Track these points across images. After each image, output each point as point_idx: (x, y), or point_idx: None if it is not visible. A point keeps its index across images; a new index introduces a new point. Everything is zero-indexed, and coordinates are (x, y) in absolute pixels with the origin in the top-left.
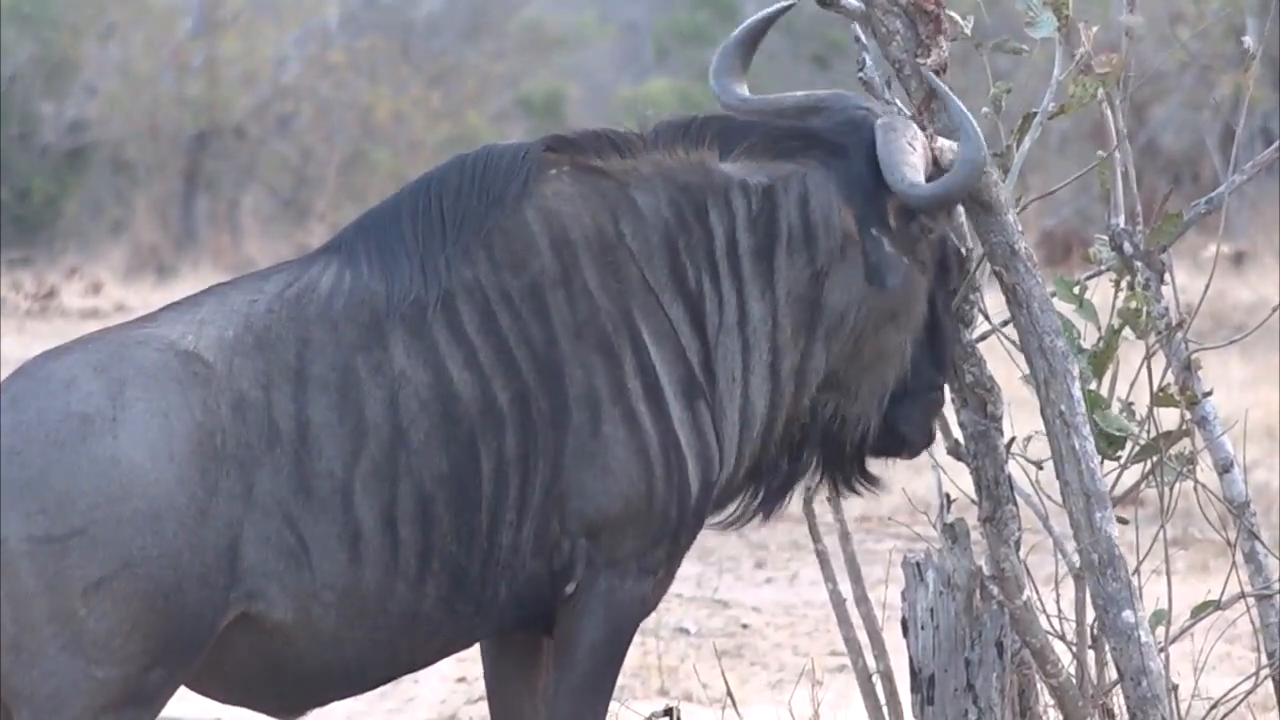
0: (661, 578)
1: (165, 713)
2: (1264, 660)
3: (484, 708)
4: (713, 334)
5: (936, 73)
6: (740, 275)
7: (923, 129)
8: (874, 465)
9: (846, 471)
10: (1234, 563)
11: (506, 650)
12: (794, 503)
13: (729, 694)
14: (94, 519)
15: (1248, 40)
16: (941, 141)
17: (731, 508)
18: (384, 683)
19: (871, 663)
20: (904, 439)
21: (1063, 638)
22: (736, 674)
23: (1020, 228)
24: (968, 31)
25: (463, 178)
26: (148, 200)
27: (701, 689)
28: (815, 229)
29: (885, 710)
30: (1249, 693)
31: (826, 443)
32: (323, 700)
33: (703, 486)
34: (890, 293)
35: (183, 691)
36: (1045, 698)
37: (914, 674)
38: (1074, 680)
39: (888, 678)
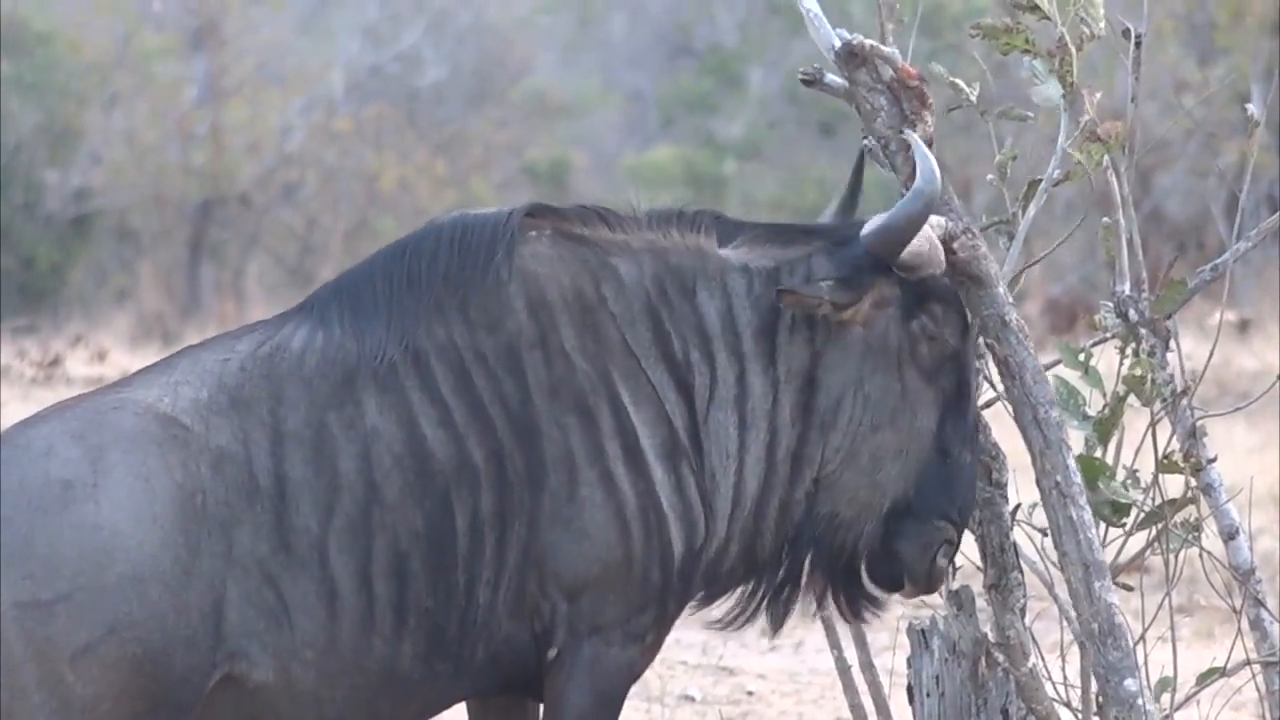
0: (650, 643)
1: None
2: None
3: None
4: (702, 406)
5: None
6: (740, 352)
7: None
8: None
9: (845, 584)
10: (1239, 630)
11: (491, 713)
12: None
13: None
14: (79, 584)
15: (1251, 107)
16: (931, 217)
17: (732, 600)
18: None
19: None
20: (899, 560)
21: (1069, 705)
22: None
23: (1010, 299)
24: (973, 99)
25: (439, 241)
26: (153, 268)
27: None
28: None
29: None
30: None
31: (820, 545)
32: None
33: (687, 551)
34: (887, 387)
35: None
36: None
37: None
38: None
39: None
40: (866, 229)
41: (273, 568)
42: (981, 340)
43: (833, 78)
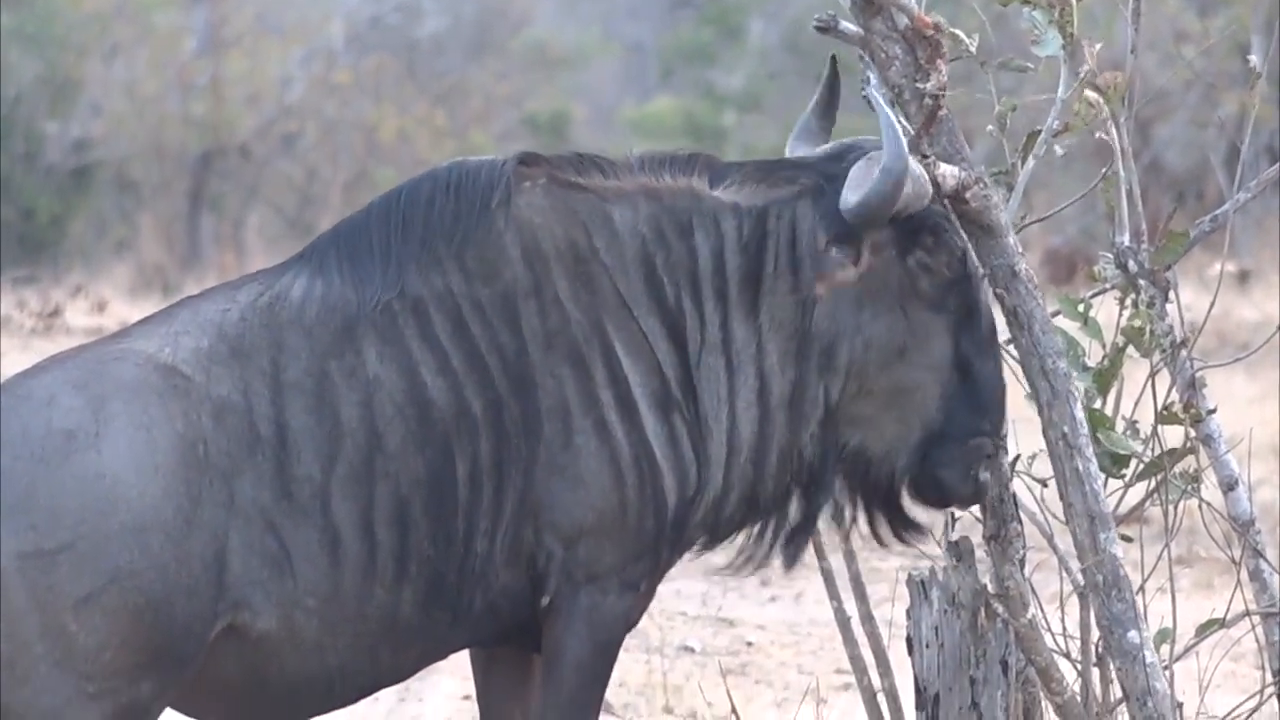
0: (644, 591)
1: None
2: (1269, 678)
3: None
4: (694, 350)
5: (936, 97)
6: (726, 297)
7: (924, 155)
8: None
9: (884, 514)
10: (1239, 581)
11: (495, 667)
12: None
13: (734, 712)
14: (81, 534)
15: (1253, 59)
16: (944, 167)
17: (739, 544)
18: (365, 694)
19: (876, 681)
20: (943, 485)
21: (1068, 656)
22: (741, 692)
23: (1021, 249)
24: (973, 50)
25: (435, 188)
26: (153, 219)
27: (706, 707)
28: (802, 256)
29: None
30: (1254, 710)
31: (853, 481)
32: (307, 715)
33: (680, 500)
34: (892, 326)
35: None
36: (1050, 716)
37: (919, 692)
38: (1079, 699)
39: (892, 696)
40: (844, 202)
41: (275, 516)
42: (991, 290)
43: (847, 25)
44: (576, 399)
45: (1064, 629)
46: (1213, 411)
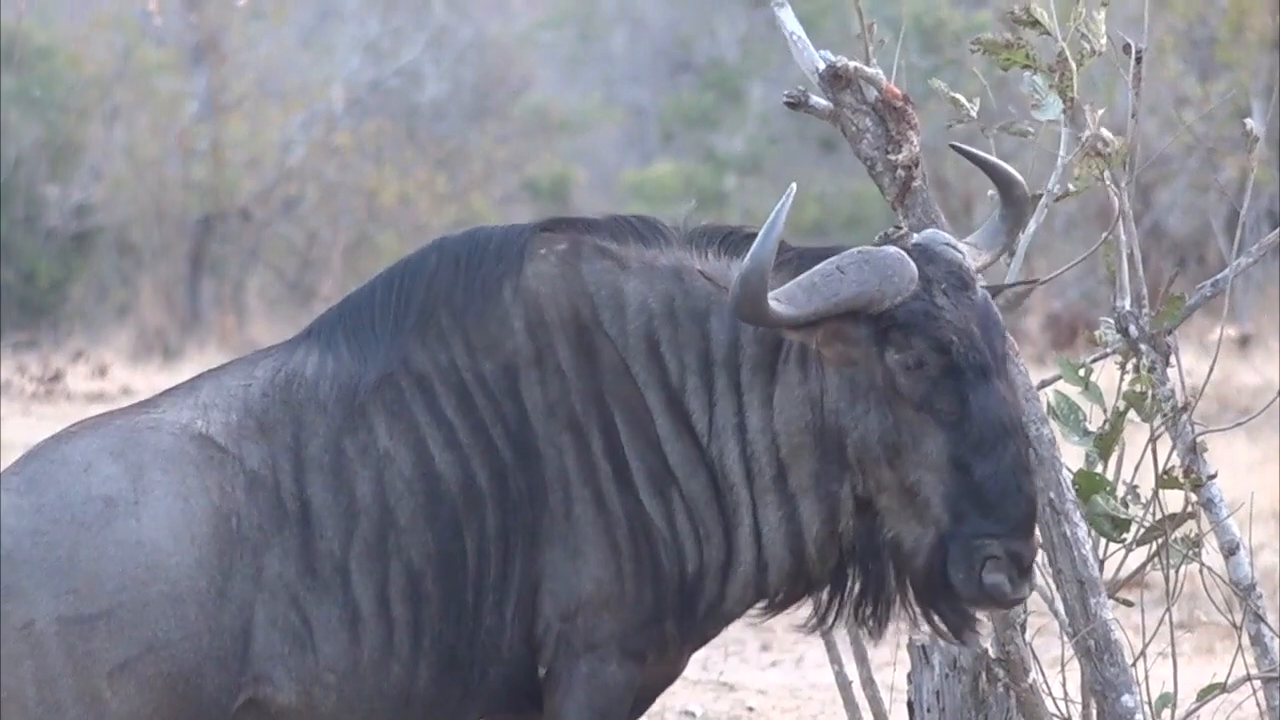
0: (654, 661)
1: None
2: None
3: None
4: (703, 432)
5: (908, 168)
6: (739, 385)
7: (897, 227)
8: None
9: (930, 605)
10: (1240, 645)
11: None
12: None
13: None
14: (121, 601)
15: (1250, 123)
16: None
17: (813, 606)
18: None
19: None
20: (950, 585)
21: None
22: None
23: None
24: (974, 114)
25: (441, 260)
26: (153, 283)
27: None
28: (809, 351)
29: None
30: None
31: (901, 570)
32: None
33: (679, 573)
34: (882, 422)
35: None
36: None
37: None
38: None
39: None
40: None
41: (299, 591)
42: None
43: (817, 100)
44: (576, 469)
45: (1065, 693)
46: (1213, 476)
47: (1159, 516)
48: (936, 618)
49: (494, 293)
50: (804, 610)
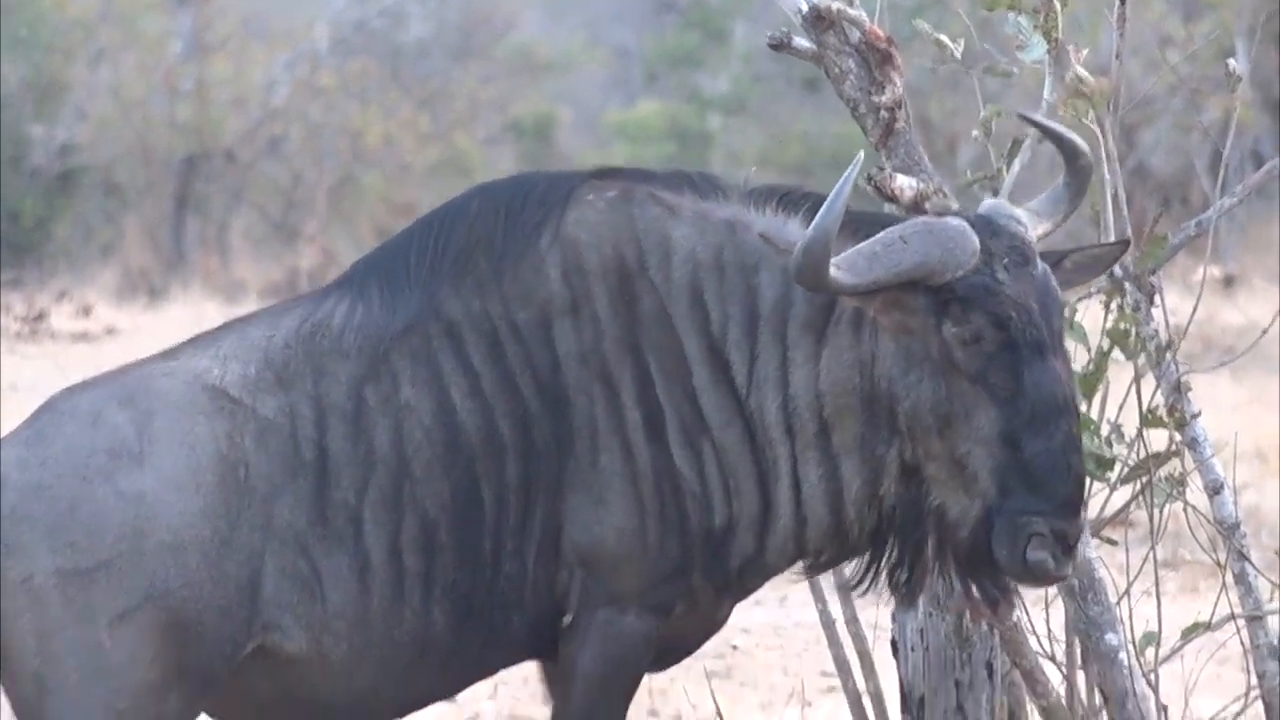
0: (683, 613)
1: None
2: (1254, 682)
3: None
4: (742, 384)
5: (891, 109)
6: (785, 339)
7: (880, 168)
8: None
9: (970, 578)
10: (1224, 584)
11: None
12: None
13: (719, 715)
14: (120, 551)
15: (1233, 63)
16: (900, 179)
17: (855, 566)
18: (402, 714)
19: (861, 684)
20: (995, 561)
21: (1053, 659)
22: (726, 695)
23: None
24: (958, 55)
25: (483, 207)
26: (138, 223)
27: (691, 710)
28: (865, 316)
29: None
30: (1239, 714)
31: (941, 540)
32: None
33: (708, 526)
34: (935, 393)
35: None
36: (1035, 719)
37: (904, 695)
38: (1064, 702)
39: (877, 699)
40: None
41: (309, 540)
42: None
43: (801, 41)
44: (605, 417)
45: (1049, 632)
46: (1197, 415)
47: (1143, 455)
48: (975, 589)
49: (531, 239)
50: None
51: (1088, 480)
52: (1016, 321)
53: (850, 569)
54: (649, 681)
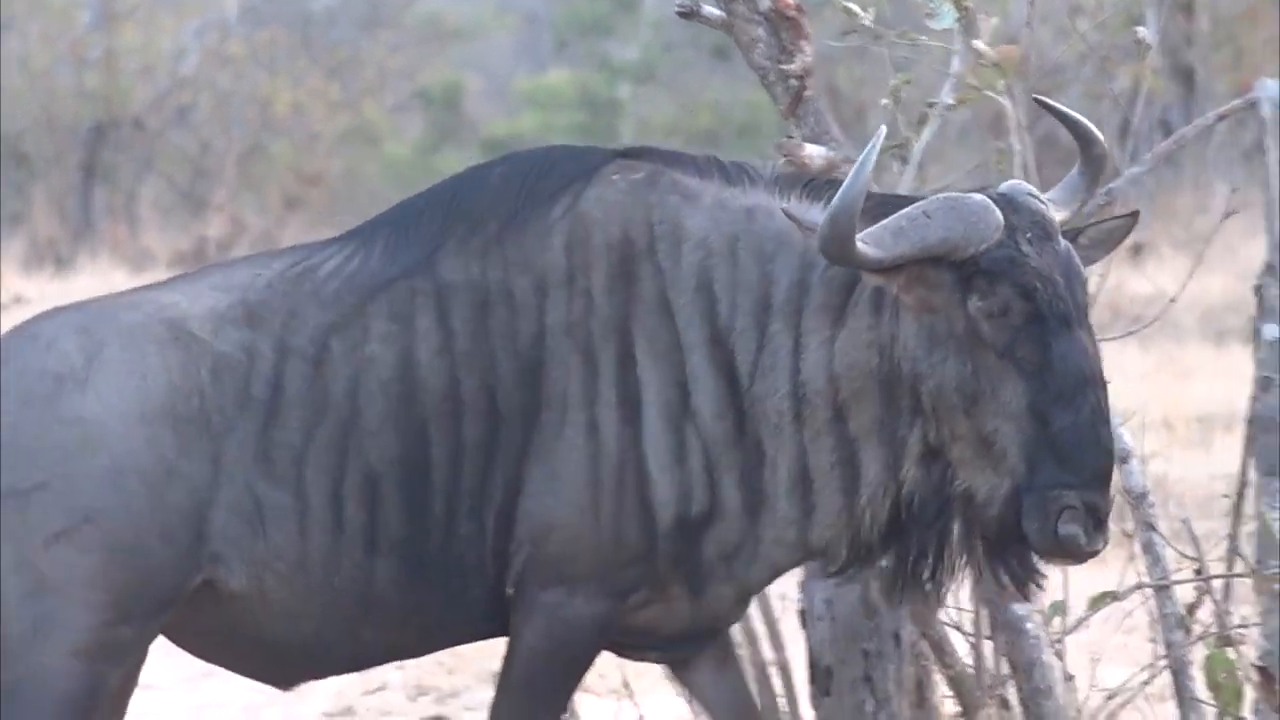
0: (649, 600)
1: None
2: (1161, 651)
3: (379, 699)
4: (746, 372)
5: (800, 78)
6: (799, 327)
7: (789, 136)
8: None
9: (999, 559)
10: (1131, 553)
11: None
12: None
13: (625, 685)
14: (56, 473)
15: (1143, 31)
16: (810, 148)
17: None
18: (358, 667)
19: (769, 654)
20: (1024, 537)
21: (960, 629)
22: (633, 665)
23: None
24: (868, 22)
25: (507, 173)
26: (45, 192)
27: (598, 679)
28: (885, 297)
29: (783, 701)
30: (1146, 683)
31: (969, 523)
32: (298, 674)
33: (679, 514)
34: (960, 371)
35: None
36: (943, 689)
37: (812, 665)
38: (972, 672)
39: (785, 669)
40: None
41: (254, 477)
42: None
43: (710, 9)
44: (577, 392)
45: (956, 602)
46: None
47: None
48: (1003, 570)
49: (543, 209)
50: None
51: None
52: (1043, 293)
53: (876, 581)
54: None
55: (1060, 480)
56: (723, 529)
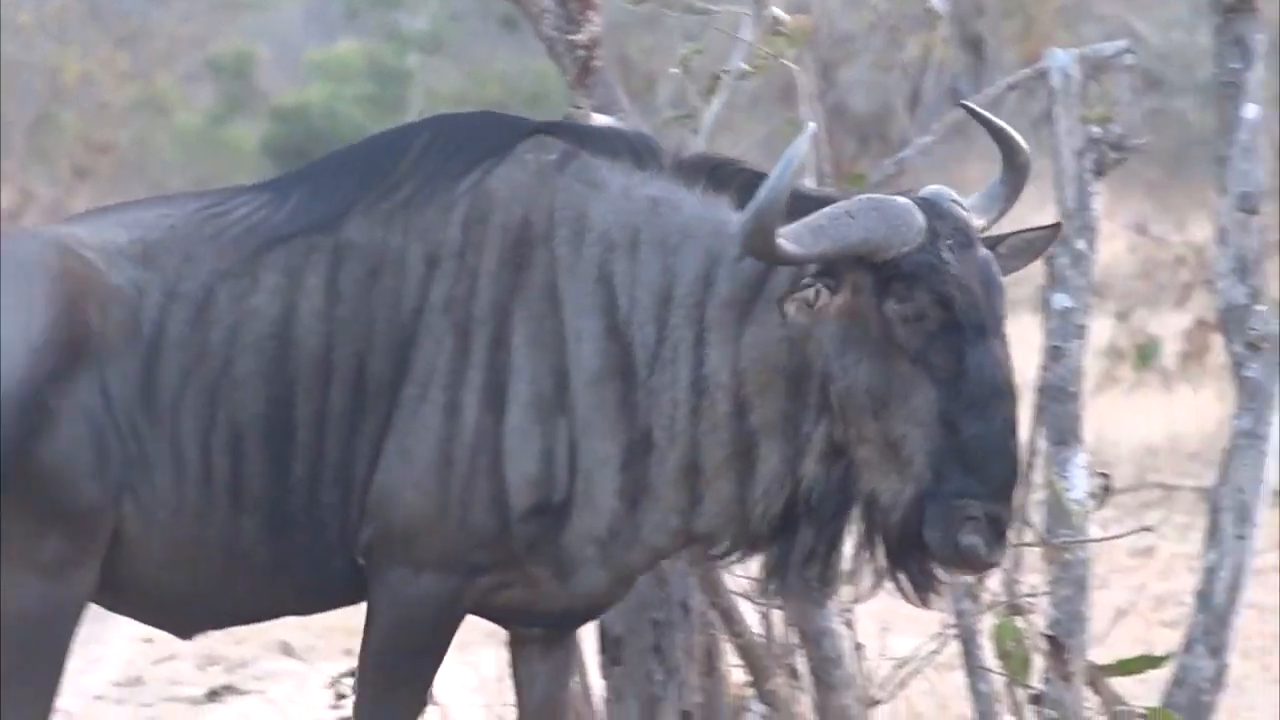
0: (506, 583)
1: None
2: (950, 620)
3: (169, 668)
4: (643, 365)
5: (588, 48)
6: (702, 321)
7: (577, 107)
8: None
9: (899, 565)
10: None
11: (530, 649)
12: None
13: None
14: None
15: (934, 1)
16: (598, 119)
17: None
18: (238, 622)
19: None
20: (925, 545)
21: (749, 597)
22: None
23: None
24: None
25: (432, 138)
26: None
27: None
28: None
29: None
30: (935, 652)
31: (871, 525)
32: (190, 625)
33: (539, 502)
34: (873, 373)
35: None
36: (732, 657)
37: (601, 635)
38: (761, 640)
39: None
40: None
41: (138, 417)
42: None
43: None
44: (444, 371)
45: (745, 571)
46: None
47: None
48: (902, 577)
49: (453, 182)
50: None
51: None
52: (960, 301)
53: (759, 565)
54: (345, 622)
55: (966, 490)
56: (591, 517)
